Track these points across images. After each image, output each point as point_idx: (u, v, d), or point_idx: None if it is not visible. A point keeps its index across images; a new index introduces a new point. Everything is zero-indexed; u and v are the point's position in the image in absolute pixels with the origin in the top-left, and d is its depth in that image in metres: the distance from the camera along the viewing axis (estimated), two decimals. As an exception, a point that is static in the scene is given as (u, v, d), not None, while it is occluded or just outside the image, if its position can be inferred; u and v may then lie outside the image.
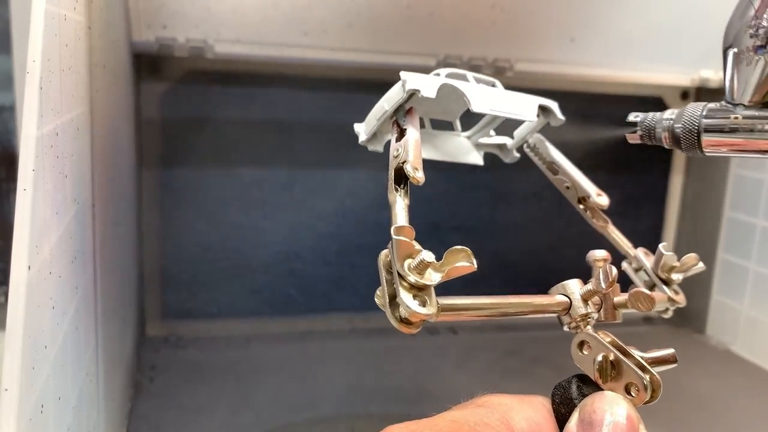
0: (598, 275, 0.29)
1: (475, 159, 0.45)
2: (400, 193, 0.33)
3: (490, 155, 0.47)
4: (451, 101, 0.40)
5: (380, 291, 0.28)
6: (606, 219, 0.43)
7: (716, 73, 0.87)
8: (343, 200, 0.87)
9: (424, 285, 0.26)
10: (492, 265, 0.93)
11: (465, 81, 0.39)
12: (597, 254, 0.35)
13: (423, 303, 0.26)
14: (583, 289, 0.30)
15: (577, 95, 0.90)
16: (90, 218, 0.44)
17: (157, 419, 0.64)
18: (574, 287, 0.30)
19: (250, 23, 0.70)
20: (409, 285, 0.27)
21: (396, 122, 0.37)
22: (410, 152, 0.34)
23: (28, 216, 0.28)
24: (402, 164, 0.33)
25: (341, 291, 0.89)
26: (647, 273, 0.40)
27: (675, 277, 0.39)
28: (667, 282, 0.39)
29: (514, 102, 0.39)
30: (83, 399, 0.40)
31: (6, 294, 0.28)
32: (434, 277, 0.26)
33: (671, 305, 0.38)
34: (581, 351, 0.30)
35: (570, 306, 0.30)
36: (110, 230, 0.52)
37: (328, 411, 0.67)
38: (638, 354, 0.30)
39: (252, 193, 0.84)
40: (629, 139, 0.39)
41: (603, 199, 0.43)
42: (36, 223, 0.29)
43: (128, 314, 0.66)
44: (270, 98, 0.82)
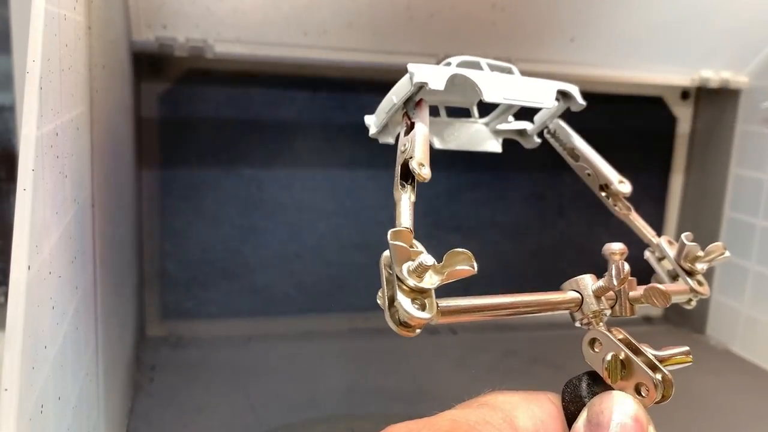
0: (611, 271, 0.29)
1: (493, 147, 0.44)
2: (406, 190, 0.32)
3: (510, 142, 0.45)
4: (466, 89, 0.39)
5: (381, 292, 0.27)
6: (629, 206, 0.42)
7: (717, 73, 0.87)
8: (343, 200, 0.87)
9: (423, 288, 0.26)
10: (492, 266, 0.93)
11: (478, 69, 0.39)
12: (613, 247, 0.34)
13: (422, 307, 0.26)
14: (596, 285, 0.30)
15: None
16: (90, 218, 0.44)
17: (157, 419, 0.64)
18: (587, 283, 0.30)
19: (251, 23, 0.70)
20: (409, 288, 0.26)
21: (406, 114, 0.36)
22: (417, 148, 0.33)
23: (28, 216, 0.28)
24: (408, 160, 0.32)
25: (341, 291, 0.89)
26: (670, 263, 0.39)
27: (699, 267, 0.37)
28: (691, 273, 0.38)
29: (530, 88, 0.37)
30: (83, 399, 0.40)
31: (6, 294, 0.28)
32: (433, 280, 0.26)
33: (694, 296, 0.37)
34: (592, 349, 0.29)
35: (582, 302, 0.30)
36: (110, 230, 0.52)
37: (328, 411, 0.67)
38: (651, 352, 0.29)
39: (252, 193, 0.84)
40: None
41: (625, 187, 0.42)
42: (36, 223, 0.29)
43: (128, 314, 0.66)
44: (270, 98, 0.82)
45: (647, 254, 0.41)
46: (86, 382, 0.41)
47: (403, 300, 0.26)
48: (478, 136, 0.44)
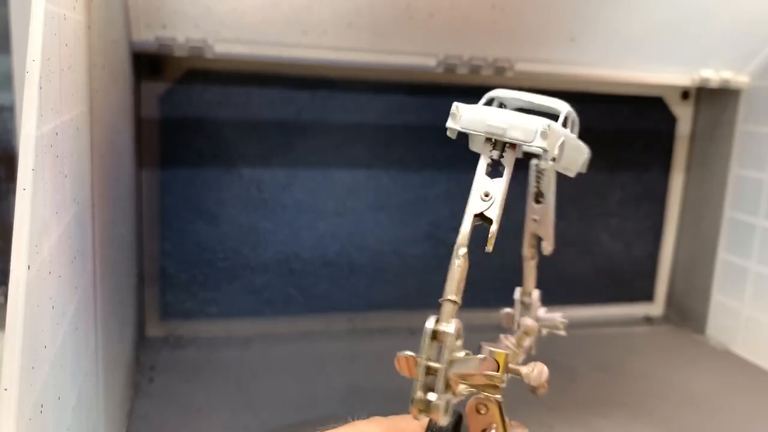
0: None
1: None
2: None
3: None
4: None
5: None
6: (535, 256, 0.50)
7: (717, 73, 0.87)
8: (343, 200, 0.87)
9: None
10: (492, 265, 0.93)
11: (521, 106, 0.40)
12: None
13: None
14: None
15: (577, 95, 0.90)
16: (89, 218, 0.44)
17: (157, 419, 0.64)
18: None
19: (250, 23, 0.70)
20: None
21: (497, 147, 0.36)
22: (496, 212, 0.35)
23: (28, 216, 0.28)
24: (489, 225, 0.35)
25: (341, 291, 0.89)
26: (523, 310, 0.50)
27: (526, 342, 0.48)
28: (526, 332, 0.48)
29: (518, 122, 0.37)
30: (83, 399, 0.40)
31: (6, 294, 0.28)
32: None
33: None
34: (478, 412, 0.35)
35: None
36: (110, 230, 0.52)
37: (328, 411, 0.67)
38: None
39: (252, 193, 0.84)
40: None
41: (548, 249, 0.48)
42: (36, 223, 0.29)
43: (128, 314, 0.66)
44: (270, 98, 0.82)
45: (517, 295, 0.49)
46: (86, 382, 0.41)
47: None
48: None
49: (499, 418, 0.34)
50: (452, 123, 0.36)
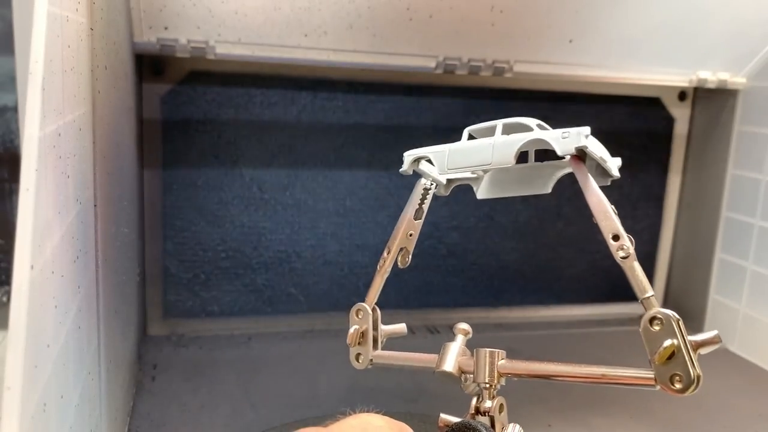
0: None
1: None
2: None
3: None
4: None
5: None
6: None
7: (714, 74, 0.87)
8: (343, 200, 0.87)
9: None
10: (492, 266, 0.93)
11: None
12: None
13: None
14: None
15: (576, 96, 0.91)
16: (92, 218, 0.44)
17: (159, 417, 0.64)
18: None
19: (251, 25, 0.71)
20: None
21: None
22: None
23: (31, 216, 0.28)
24: None
25: (341, 290, 0.89)
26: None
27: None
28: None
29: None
30: (85, 397, 0.40)
31: (9, 293, 0.28)
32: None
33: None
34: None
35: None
36: (112, 230, 0.53)
37: (329, 409, 0.67)
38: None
39: (253, 193, 0.84)
40: None
41: (408, 261, 0.49)
42: (39, 223, 0.29)
43: (130, 313, 0.66)
44: (270, 99, 0.83)
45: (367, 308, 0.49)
46: (88, 381, 0.42)
47: None
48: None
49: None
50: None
